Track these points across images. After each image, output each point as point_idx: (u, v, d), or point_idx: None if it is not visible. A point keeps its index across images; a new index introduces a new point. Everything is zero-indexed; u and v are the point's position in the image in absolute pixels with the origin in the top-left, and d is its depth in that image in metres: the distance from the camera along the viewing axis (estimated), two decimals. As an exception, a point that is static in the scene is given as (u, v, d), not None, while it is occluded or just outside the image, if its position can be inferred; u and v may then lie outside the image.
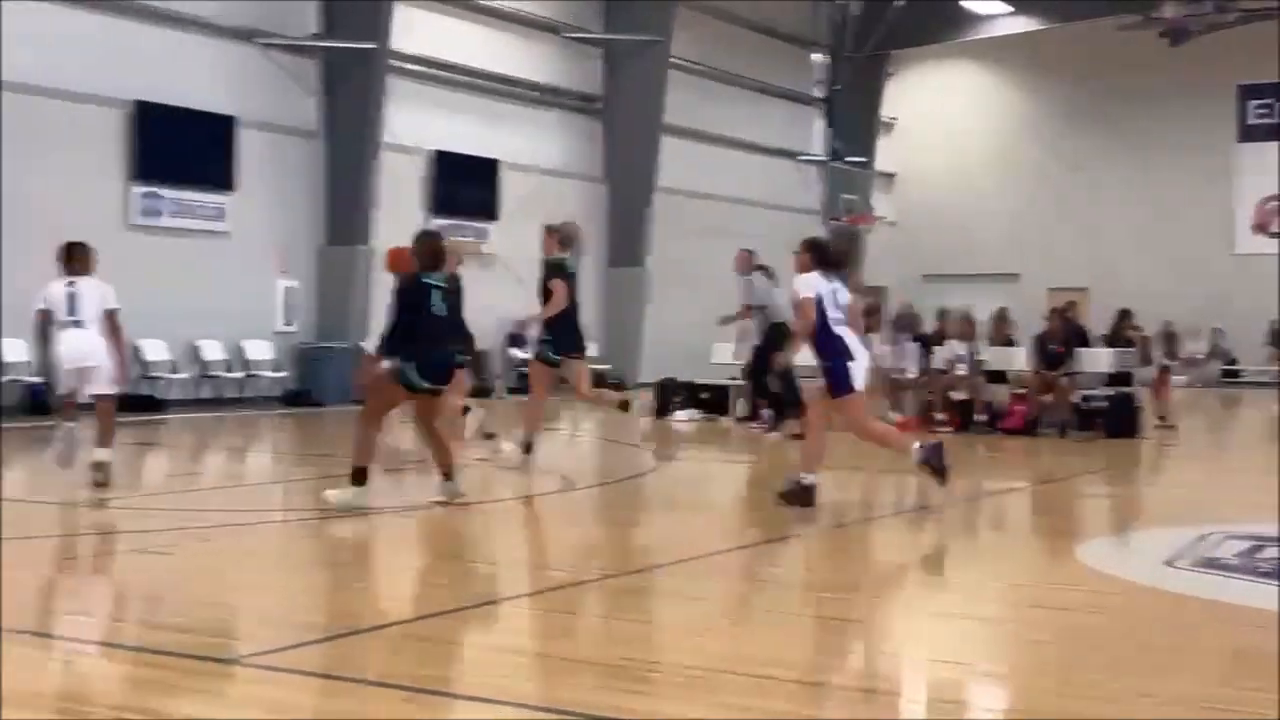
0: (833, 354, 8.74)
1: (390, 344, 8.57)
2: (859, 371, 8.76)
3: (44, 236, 17.29)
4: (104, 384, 9.50)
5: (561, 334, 11.22)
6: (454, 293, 9.56)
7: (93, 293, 9.61)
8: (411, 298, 8.55)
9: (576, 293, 11.35)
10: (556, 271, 11.20)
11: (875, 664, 5.35)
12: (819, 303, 8.71)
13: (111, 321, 9.61)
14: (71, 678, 4.82)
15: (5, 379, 16.81)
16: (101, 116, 18.60)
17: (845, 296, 8.96)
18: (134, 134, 18.85)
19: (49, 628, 5.56)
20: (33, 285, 16.52)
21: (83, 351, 9.45)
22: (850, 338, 8.81)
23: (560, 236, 11.44)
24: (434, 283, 8.63)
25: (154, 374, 18.90)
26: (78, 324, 9.49)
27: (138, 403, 18.16)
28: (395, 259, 10.72)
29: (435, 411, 8.90)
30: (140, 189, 19.01)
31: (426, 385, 8.58)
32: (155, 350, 18.93)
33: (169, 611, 6.00)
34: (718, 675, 4.85)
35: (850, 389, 8.73)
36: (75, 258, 9.80)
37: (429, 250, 8.72)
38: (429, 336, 8.52)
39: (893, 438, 9.40)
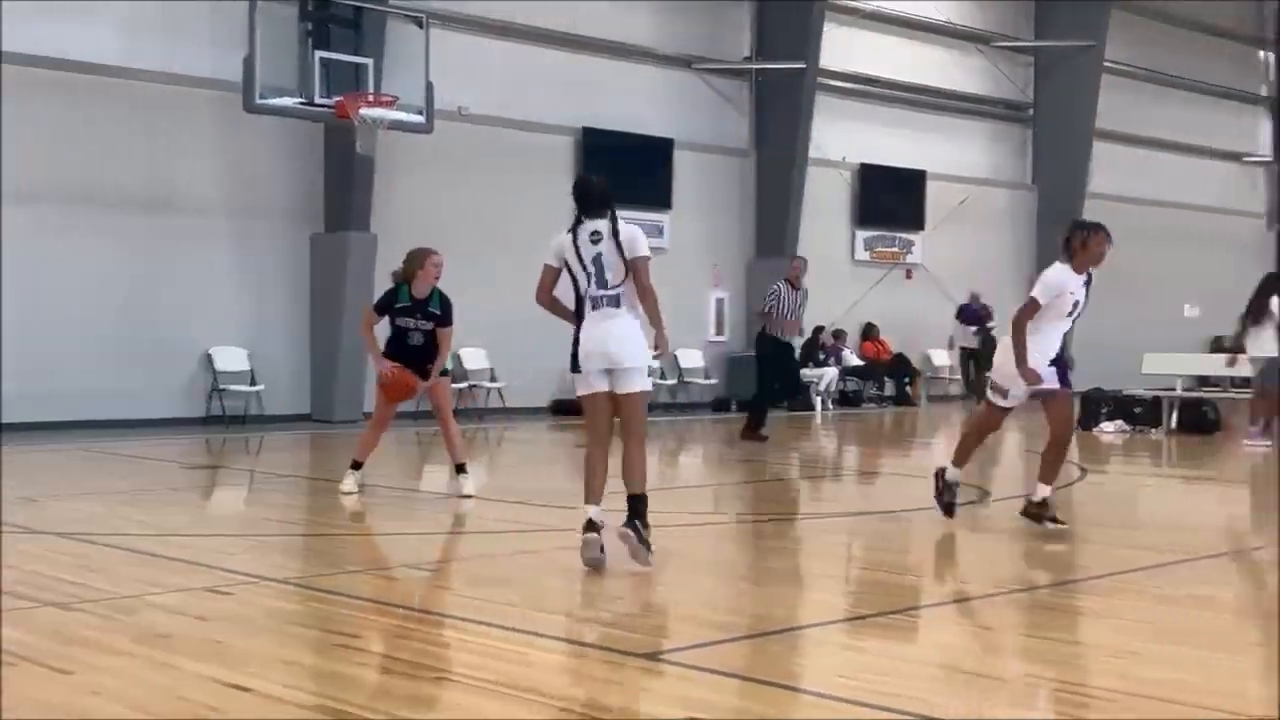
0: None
1: None
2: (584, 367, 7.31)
3: (508, 252, 19.30)
4: None
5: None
6: None
7: None
8: None
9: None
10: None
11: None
12: None
13: None
14: (509, 665, 5.23)
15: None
16: (555, 143, 20.23)
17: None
18: (582, 158, 20.39)
19: (488, 616, 5.98)
20: (498, 296, 18.14)
21: None
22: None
23: None
24: None
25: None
26: None
27: (580, 407, 19.65)
28: None
29: None
30: (587, 209, 20.54)
31: None
32: (599, 358, 20.35)
33: (592, 607, 6.54)
34: (1134, 699, 4.82)
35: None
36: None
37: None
38: None
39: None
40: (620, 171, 20.42)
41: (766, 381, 16.06)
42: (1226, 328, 16.83)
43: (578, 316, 7.28)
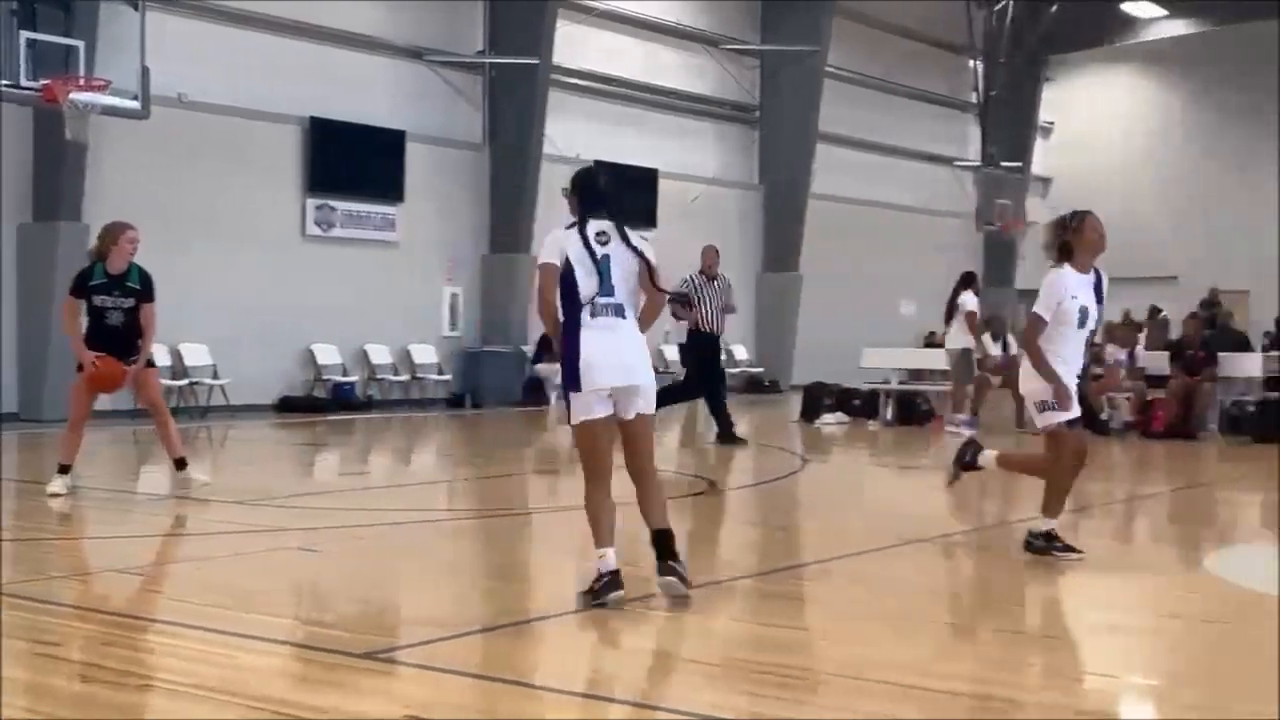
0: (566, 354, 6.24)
1: None
2: (588, 386, 6.15)
3: (232, 245, 18.72)
4: None
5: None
6: None
7: None
8: None
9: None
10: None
11: (1018, 674, 5.27)
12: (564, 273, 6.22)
13: None
14: (218, 669, 5.10)
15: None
16: (281, 133, 19.71)
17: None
18: (309, 149, 19.93)
19: (200, 620, 5.84)
20: (222, 290, 17.63)
21: None
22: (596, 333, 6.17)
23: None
24: None
25: (326, 377, 19.93)
26: None
27: (309, 404, 19.26)
28: None
29: None
30: (315, 201, 20.10)
31: None
32: (327, 354, 19.96)
33: (311, 607, 6.43)
34: (851, 681, 4.99)
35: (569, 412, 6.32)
36: None
37: None
38: None
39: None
40: (349, 163, 20.36)
41: (693, 377, 15.40)
42: (940, 323, 17.80)
43: (567, 325, 6.19)
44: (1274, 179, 32.73)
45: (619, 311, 6.21)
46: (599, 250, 6.21)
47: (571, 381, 6.17)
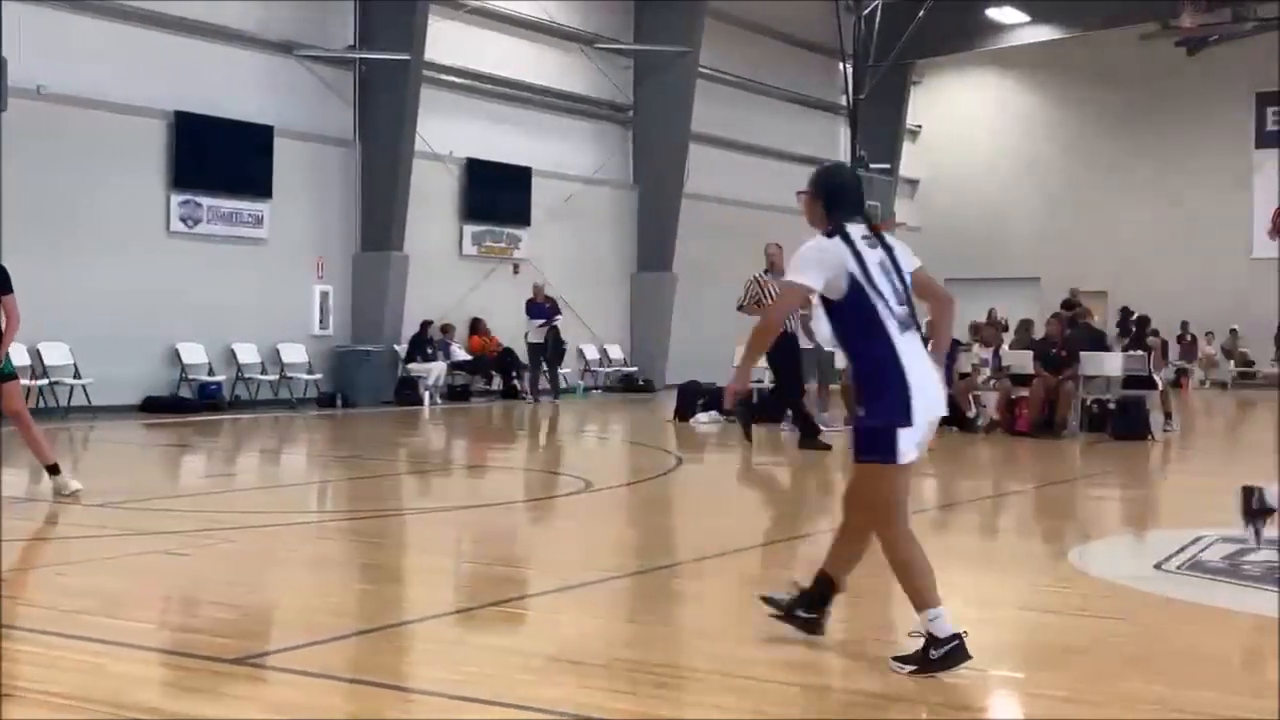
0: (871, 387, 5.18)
1: None
2: (922, 416, 5.09)
3: (94, 242, 18.22)
4: None
5: None
6: None
7: None
8: None
9: None
10: None
11: (888, 670, 5.27)
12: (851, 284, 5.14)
13: None
14: (82, 676, 4.95)
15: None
16: (145, 127, 19.23)
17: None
18: (175, 144, 19.48)
19: (64, 627, 5.68)
20: (83, 288, 17.06)
21: None
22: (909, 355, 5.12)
23: None
24: None
25: (191, 376, 19.50)
26: None
27: (174, 404, 18.85)
28: None
29: None
30: (180, 197, 19.65)
31: None
32: (193, 353, 19.54)
33: (180, 612, 6.28)
34: (726, 679, 5.00)
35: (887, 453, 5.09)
36: None
37: None
38: None
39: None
40: (217, 159, 19.94)
41: (786, 379, 14.81)
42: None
43: (873, 351, 5.12)
44: (1134, 181, 33.81)
45: (916, 327, 5.18)
46: (874, 256, 5.13)
47: (899, 413, 5.02)
